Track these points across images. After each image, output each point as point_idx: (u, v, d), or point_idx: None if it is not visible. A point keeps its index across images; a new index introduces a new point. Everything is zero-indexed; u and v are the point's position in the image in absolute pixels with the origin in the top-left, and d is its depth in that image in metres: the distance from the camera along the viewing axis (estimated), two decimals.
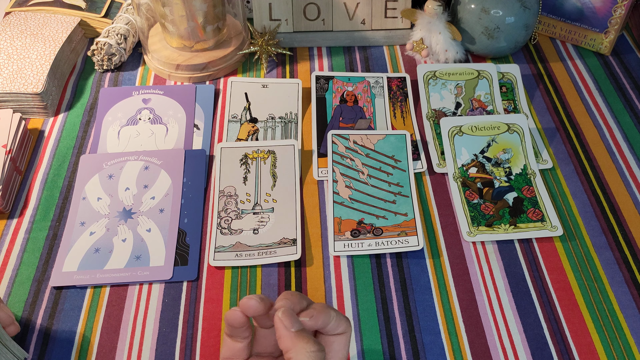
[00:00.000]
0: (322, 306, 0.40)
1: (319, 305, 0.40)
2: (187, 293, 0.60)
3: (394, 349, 0.56)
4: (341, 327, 0.41)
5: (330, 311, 0.40)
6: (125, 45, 0.82)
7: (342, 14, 0.85)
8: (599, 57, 0.86)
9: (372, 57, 0.86)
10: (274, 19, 0.85)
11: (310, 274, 0.61)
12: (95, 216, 0.65)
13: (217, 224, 0.65)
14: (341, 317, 0.41)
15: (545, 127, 0.76)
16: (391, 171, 0.70)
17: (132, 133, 0.74)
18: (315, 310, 0.40)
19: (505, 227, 0.65)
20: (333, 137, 0.72)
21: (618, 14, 0.81)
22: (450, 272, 0.61)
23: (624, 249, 0.63)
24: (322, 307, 0.40)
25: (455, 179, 0.69)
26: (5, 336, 0.52)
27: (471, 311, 0.58)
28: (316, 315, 0.39)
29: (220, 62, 0.82)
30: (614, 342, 0.56)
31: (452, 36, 0.81)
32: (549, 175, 0.71)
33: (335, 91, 0.79)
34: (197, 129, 0.75)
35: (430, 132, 0.75)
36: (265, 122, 0.76)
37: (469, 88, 0.79)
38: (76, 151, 0.73)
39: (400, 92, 0.80)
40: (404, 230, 0.64)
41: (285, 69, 0.84)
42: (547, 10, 0.87)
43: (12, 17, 0.84)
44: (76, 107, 0.79)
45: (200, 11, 0.78)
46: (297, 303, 0.40)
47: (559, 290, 0.60)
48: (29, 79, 0.75)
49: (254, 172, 0.69)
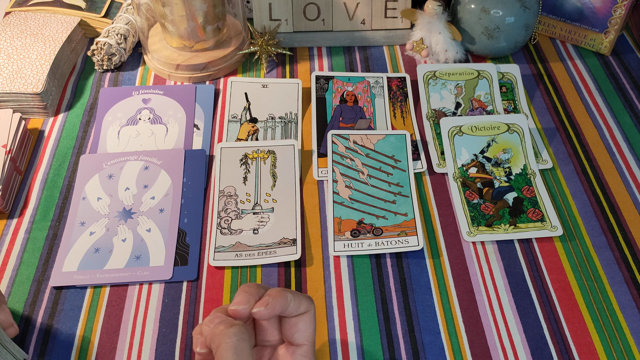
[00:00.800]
0: (277, 291, 0.40)
1: (274, 291, 0.41)
2: (187, 293, 0.60)
3: (394, 349, 0.56)
4: (302, 307, 0.41)
5: (287, 294, 0.40)
6: (125, 45, 0.82)
7: (342, 14, 0.85)
8: (599, 57, 0.86)
9: (372, 57, 0.86)
10: (274, 19, 0.85)
11: (310, 274, 0.61)
12: (95, 216, 0.65)
13: (217, 224, 0.65)
14: (300, 297, 0.41)
15: (545, 127, 0.76)
16: (391, 171, 0.70)
17: (132, 133, 0.74)
18: (271, 297, 0.40)
19: (505, 227, 0.65)
20: (333, 137, 0.72)
21: (618, 14, 0.81)
22: (450, 272, 0.61)
23: (624, 249, 0.63)
24: (277, 292, 0.40)
25: (455, 179, 0.69)
26: (5, 337, 0.52)
27: (471, 311, 0.58)
28: (272, 302, 0.40)
29: (220, 62, 0.82)
30: (614, 342, 0.56)
31: (452, 36, 0.81)
32: (549, 175, 0.71)
33: (335, 91, 0.79)
34: (197, 129, 0.75)
35: (430, 132, 0.75)
36: (265, 122, 0.76)
37: (469, 88, 0.79)
38: (76, 151, 0.73)
39: (400, 92, 0.80)
40: (404, 230, 0.64)
41: (285, 69, 0.84)
42: (547, 10, 0.87)
43: (12, 17, 0.84)
44: (76, 107, 0.79)
45: (200, 11, 0.78)
46: (254, 295, 0.40)
47: (559, 290, 0.60)
48: (29, 79, 0.75)
49: (254, 172, 0.69)
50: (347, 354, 0.55)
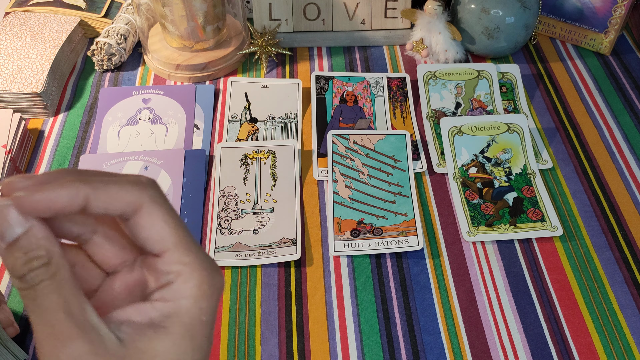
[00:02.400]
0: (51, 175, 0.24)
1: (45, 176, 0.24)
2: None
3: (394, 348, 0.56)
4: (120, 196, 0.25)
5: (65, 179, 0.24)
6: (125, 45, 0.82)
7: (342, 14, 0.85)
8: (599, 57, 0.86)
9: (372, 57, 0.86)
10: (274, 19, 0.85)
11: (310, 274, 0.61)
12: None
13: (217, 224, 0.65)
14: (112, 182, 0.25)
15: (545, 127, 0.76)
16: (391, 171, 0.70)
17: (132, 133, 0.74)
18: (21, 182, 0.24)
19: (505, 227, 0.65)
20: (333, 137, 0.72)
21: (618, 14, 0.81)
22: (450, 272, 0.61)
23: (624, 249, 0.63)
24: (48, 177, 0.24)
25: (455, 179, 0.69)
26: (5, 337, 0.52)
27: (471, 311, 0.58)
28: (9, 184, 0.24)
29: (220, 62, 0.82)
30: (614, 342, 0.56)
31: (452, 36, 0.81)
32: (549, 175, 0.71)
33: (335, 91, 0.79)
34: (197, 129, 0.75)
35: (430, 132, 0.75)
36: (265, 122, 0.76)
37: (469, 88, 0.79)
38: (76, 151, 0.73)
39: (400, 92, 0.80)
40: (404, 230, 0.64)
41: (285, 69, 0.84)
42: (547, 10, 0.87)
43: (12, 17, 0.84)
44: (76, 107, 0.79)
45: (200, 11, 0.78)
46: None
47: (559, 290, 0.60)
48: (29, 79, 0.75)
49: (254, 172, 0.69)
50: (347, 354, 0.55)
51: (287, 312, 0.58)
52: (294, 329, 0.57)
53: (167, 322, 0.25)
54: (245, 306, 0.59)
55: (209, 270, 0.26)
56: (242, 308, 0.59)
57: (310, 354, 0.55)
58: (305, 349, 0.56)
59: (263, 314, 0.58)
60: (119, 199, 0.25)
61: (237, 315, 0.58)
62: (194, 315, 0.26)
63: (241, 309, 0.59)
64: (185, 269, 0.26)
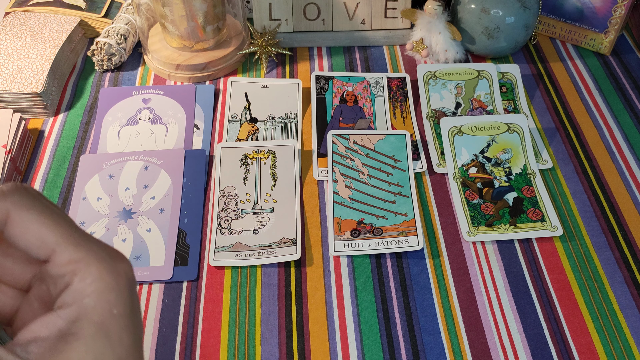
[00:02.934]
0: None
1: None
2: (187, 293, 0.60)
3: (394, 348, 0.56)
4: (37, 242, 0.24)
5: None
6: (125, 45, 0.82)
7: (342, 14, 0.85)
8: (599, 57, 0.86)
9: (372, 57, 0.86)
10: (274, 19, 0.85)
11: (310, 274, 0.61)
12: (95, 216, 0.65)
13: (217, 224, 0.65)
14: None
15: (545, 127, 0.76)
16: (391, 171, 0.70)
17: (132, 133, 0.74)
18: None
19: (505, 227, 0.65)
20: (333, 137, 0.72)
21: (618, 14, 0.81)
22: (450, 272, 0.61)
23: (624, 249, 0.63)
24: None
25: (455, 179, 0.69)
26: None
27: (471, 311, 0.58)
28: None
29: (220, 62, 0.82)
30: (614, 342, 0.56)
31: (452, 36, 0.81)
32: (549, 175, 0.71)
33: (335, 91, 0.79)
34: (197, 129, 0.75)
35: (430, 132, 0.75)
36: (265, 122, 0.76)
37: (469, 88, 0.79)
38: (76, 151, 0.73)
39: (400, 92, 0.80)
40: (404, 230, 0.64)
41: (285, 69, 0.84)
42: (547, 10, 0.87)
43: (12, 17, 0.84)
44: (76, 107, 0.79)
45: (200, 11, 0.78)
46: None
47: (559, 290, 0.60)
48: (29, 79, 0.75)
49: (254, 172, 0.69)
50: (347, 354, 0.55)
51: (287, 312, 0.58)
52: (294, 329, 0.57)
53: (75, 327, 0.24)
54: (245, 306, 0.59)
55: (108, 259, 0.25)
56: (242, 308, 0.59)
57: (310, 354, 0.55)
58: (305, 349, 0.56)
59: (263, 314, 0.58)
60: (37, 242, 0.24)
61: (237, 315, 0.58)
62: (103, 310, 0.24)
63: (241, 309, 0.59)
64: (80, 266, 0.24)
